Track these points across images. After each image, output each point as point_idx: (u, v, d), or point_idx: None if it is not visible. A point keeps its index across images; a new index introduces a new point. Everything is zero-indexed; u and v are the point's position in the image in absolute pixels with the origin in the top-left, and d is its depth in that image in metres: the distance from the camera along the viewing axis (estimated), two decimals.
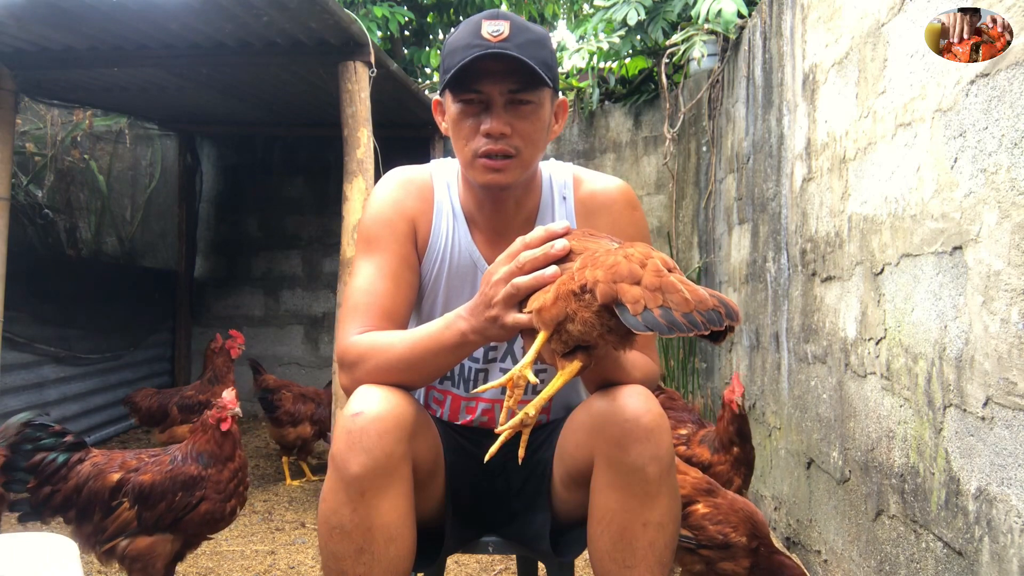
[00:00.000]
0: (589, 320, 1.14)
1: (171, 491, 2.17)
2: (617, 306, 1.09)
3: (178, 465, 2.21)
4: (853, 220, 2.20)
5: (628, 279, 1.10)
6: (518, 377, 1.22)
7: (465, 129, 1.42)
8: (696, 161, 4.91)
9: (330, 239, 5.77)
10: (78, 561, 1.47)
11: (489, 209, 1.52)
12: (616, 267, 1.12)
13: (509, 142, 1.40)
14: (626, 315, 1.08)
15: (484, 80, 1.37)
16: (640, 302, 1.07)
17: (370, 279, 1.46)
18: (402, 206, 1.52)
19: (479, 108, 1.40)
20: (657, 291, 1.08)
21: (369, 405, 1.30)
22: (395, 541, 1.31)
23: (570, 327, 1.17)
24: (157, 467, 2.22)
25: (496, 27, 1.37)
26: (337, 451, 1.29)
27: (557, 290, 1.18)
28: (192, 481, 2.19)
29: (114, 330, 5.06)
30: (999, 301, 1.41)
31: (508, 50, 1.35)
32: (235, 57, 3.56)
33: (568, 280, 1.17)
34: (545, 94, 1.43)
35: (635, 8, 4.41)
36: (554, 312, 1.17)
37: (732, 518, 2.05)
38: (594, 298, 1.12)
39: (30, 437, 2.17)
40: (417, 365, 1.36)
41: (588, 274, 1.14)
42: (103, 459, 2.25)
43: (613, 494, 1.32)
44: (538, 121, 1.43)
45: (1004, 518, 1.41)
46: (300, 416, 3.95)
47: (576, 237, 1.28)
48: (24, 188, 5.17)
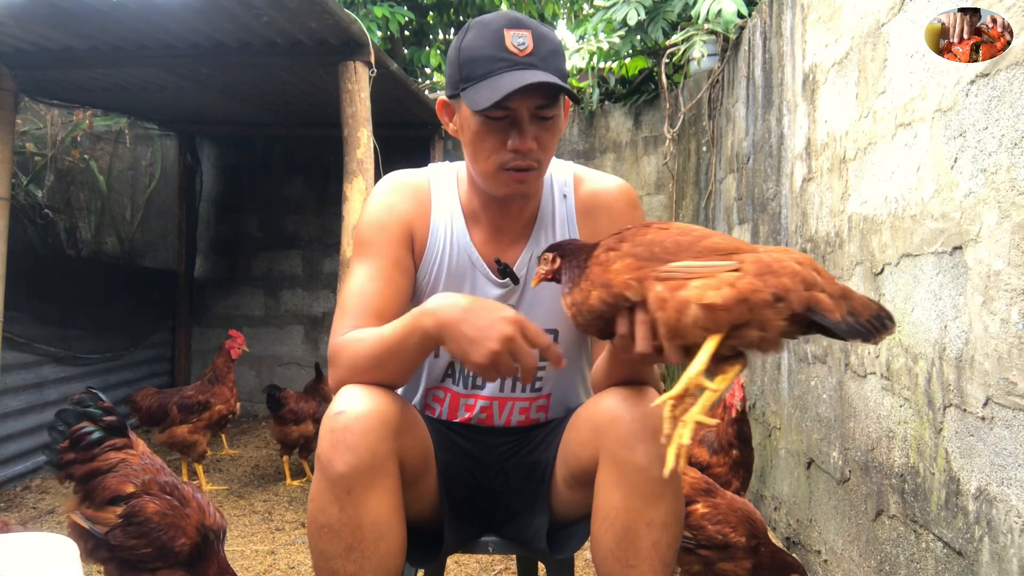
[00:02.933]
0: (779, 327, 1.12)
1: (151, 536, 2.04)
2: (813, 314, 1.11)
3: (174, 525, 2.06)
4: (853, 220, 2.20)
5: (817, 287, 1.12)
6: (694, 386, 1.14)
7: (489, 142, 1.41)
8: (696, 161, 4.91)
9: (330, 239, 5.77)
10: (78, 561, 1.47)
11: (494, 210, 1.53)
12: (801, 274, 1.12)
13: (533, 156, 1.41)
14: (826, 321, 1.10)
15: (514, 98, 1.35)
16: (835, 311, 1.10)
17: (362, 281, 1.48)
18: (397, 210, 1.53)
19: (505, 124, 1.39)
20: (842, 298, 1.12)
21: (352, 404, 1.30)
22: (384, 538, 1.31)
23: (751, 333, 1.12)
24: (169, 509, 2.08)
25: (521, 39, 1.36)
26: (322, 450, 1.30)
27: (742, 295, 1.11)
28: (162, 552, 2.03)
29: (114, 330, 5.05)
30: (999, 301, 1.41)
31: (536, 66, 1.35)
32: (235, 57, 3.56)
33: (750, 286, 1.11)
34: (563, 103, 1.45)
35: (635, 8, 4.41)
36: (736, 314, 1.11)
37: (731, 518, 2.05)
38: (788, 306, 1.11)
39: (82, 402, 2.23)
40: (386, 360, 1.36)
41: (775, 281, 1.12)
42: (137, 462, 2.18)
43: (618, 493, 1.32)
44: (557, 131, 1.45)
45: (1004, 518, 1.41)
46: (303, 414, 3.96)
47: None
48: (24, 188, 5.17)
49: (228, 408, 3.93)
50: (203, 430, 3.86)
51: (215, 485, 4.00)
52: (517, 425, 1.61)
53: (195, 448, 3.83)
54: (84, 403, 2.25)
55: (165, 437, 3.83)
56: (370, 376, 1.37)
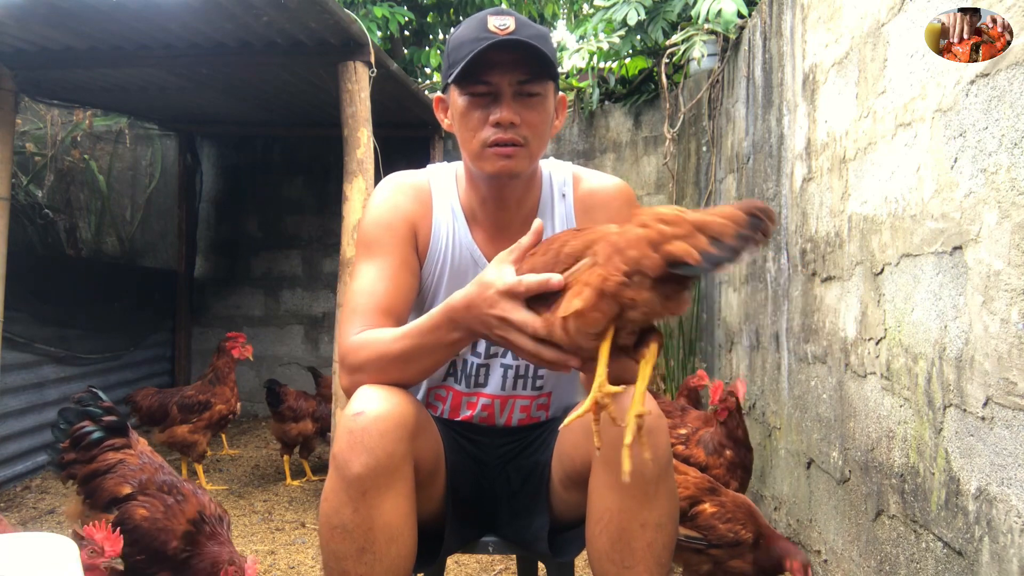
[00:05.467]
0: (650, 298, 1.08)
1: (142, 543, 2.03)
2: (674, 267, 1.05)
3: (164, 529, 2.05)
4: (853, 220, 2.20)
5: (666, 240, 1.05)
6: (601, 397, 1.13)
7: (473, 120, 1.43)
8: (696, 161, 4.91)
9: (330, 239, 5.77)
10: (78, 561, 1.47)
11: (492, 206, 1.54)
12: (645, 237, 1.08)
13: (518, 132, 1.42)
14: (690, 268, 1.03)
15: (493, 71, 1.39)
16: (691, 253, 1.03)
17: (370, 281, 1.47)
18: (401, 210, 1.53)
19: (488, 100, 1.42)
20: (695, 232, 1.04)
21: (370, 405, 1.30)
22: (396, 541, 1.31)
23: (631, 314, 1.10)
24: (160, 512, 2.07)
25: (503, 21, 1.40)
26: (339, 451, 1.29)
27: (597, 290, 1.10)
28: (155, 557, 2.03)
29: (114, 330, 5.05)
30: (999, 301, 1.41)
31: (517, 37, 1.37)
32: (235, 57, 3.56)
33: (600, 277, 1.10)
34: (550, 87, 1.46)
35: (635, 8, 4.41)
36: (604, 309, 1.09)
37: (739, 515, 2.06)
38: (645, 275, 1.07)
39: (83, 401, 2.26)
40: (411, 360, 1.36)
41: (621, 260, 1.09)
42: (136, 462, 2.20)
43: (611, 495, 1.32)
44: (544, 113, 1.45)
45: (1004, 518, 1.42)
46: (302, 412, 3.97)
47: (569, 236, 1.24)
48: (24, 188, 5.17)
49: (229, 408, 3.94)
50: (203, 430, 3.86)
51: (215, 485, 4.00)
52: (518, 424, 1.62)
53: (195, 448, 3.84)
54: (85, 402, 2.27)
55: (165, 437, 3.83)
56: (391, 375, 1.36)
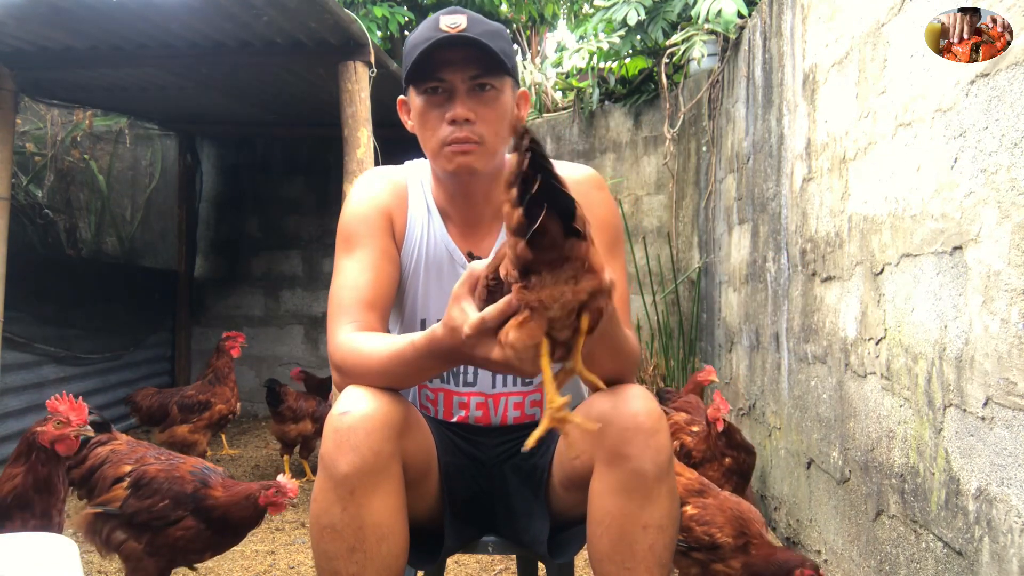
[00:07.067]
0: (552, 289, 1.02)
1: (163, 490, 2.18)
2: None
3: (179, 478, 2.22)
4: (853, 220, 2.20)
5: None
6: (555, 410, 1.07)
7: (431, 120, 1.46)
8: (696, 161, 4.91)
9: (330, 239, 5.72)
10: (78, 561, 1.47)
11: (460, 203, 1.56)
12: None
13: (474, 129, 1.43)
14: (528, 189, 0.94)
15: (445, 69, 1.42)
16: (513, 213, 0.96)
17: (352, 276, 1.48)
18: (376, 201, 1.55)
19: (443, 98, 1.44)
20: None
21: (356, 404, 1.30)
22: (387, 539, 1.31)
23: (550, 314, 1.05)
24: (168, 465, 2.24)
25: (454, 20, 1.42)
26: (326, 451, 1.30)
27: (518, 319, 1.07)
28: (178, 500, 2.18)
29: (114, 330, 5.06)
30: (999, 301, 1.41)
31: (467, 34, 1.39)
32: (235, 57, 3.56)
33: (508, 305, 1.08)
34: (506, 82, 1.48)
35: (635, 8, 4.41)
36: (531, 329, 1.06)
37: (719, 518, 2.03)
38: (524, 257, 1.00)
39: None
40: (394, 378, 1.35)
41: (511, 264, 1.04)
42: (126, 448, 2.28)
43: (612, 496, 1.31)
44: (500, 107, 1.46)
45: (1004, 518, 1.42)
46: (302, 412, 3.97)
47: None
48: (24, 188, 5.18)
49: (229, 408, 3.94)
50: (203, 430, 3.86)
51: None
52: (513, 422, 1.62)
53: (195, 448, 3.84)
54: None
55: (165, 437, 3.83)
56: (378, 385, 1.36)
